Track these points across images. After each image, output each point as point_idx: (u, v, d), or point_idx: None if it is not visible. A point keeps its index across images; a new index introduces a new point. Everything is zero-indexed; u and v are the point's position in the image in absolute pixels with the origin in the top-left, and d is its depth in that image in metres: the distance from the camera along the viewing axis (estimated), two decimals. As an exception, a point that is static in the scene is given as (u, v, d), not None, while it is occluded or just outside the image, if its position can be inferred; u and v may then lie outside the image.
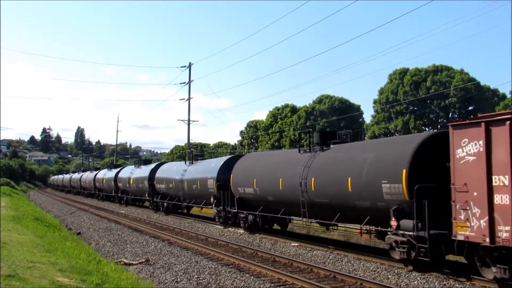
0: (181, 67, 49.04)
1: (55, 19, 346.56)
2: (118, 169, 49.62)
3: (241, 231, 22.34)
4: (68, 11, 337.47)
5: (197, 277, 12.64)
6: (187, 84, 48.54)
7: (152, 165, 38.20)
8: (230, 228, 23.63)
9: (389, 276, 12.60)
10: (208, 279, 12.39)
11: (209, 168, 26.46)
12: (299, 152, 19.10)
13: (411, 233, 12.53)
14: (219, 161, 26.34)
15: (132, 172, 41.48)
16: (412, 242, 12.54)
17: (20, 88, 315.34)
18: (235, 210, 22.67)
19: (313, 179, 16.73)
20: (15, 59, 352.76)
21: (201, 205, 28.67)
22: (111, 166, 57.93)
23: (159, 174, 34.83)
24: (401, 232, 12.96)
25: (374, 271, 13.29)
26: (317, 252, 16.42)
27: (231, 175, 23.10)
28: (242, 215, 22.25)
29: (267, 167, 20.85)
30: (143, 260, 15.12)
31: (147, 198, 36.74)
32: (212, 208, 25.58)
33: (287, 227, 23.50)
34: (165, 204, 33.22)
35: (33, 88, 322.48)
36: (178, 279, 12.54)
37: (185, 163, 31.33)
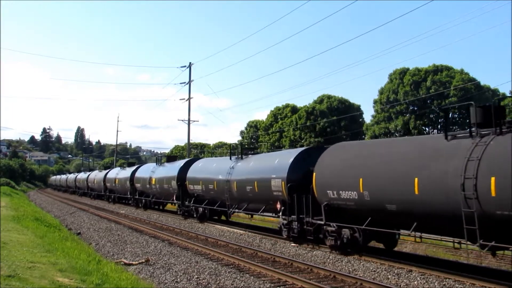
0: (181, 67, 49.10)
1: (55, 19, 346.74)
2: (134, 167, 44.80)
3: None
4: (68, 11, 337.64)
5: (197, 277, 12.63)
6: (187, 84, 48.57)
7: (181, 162, 32.67)
8: (310, 247, 17.51)
9: (389, 276, 12.60)
10: (208, 279, 12.39)
11: (272, 164, 20.19)
12: (446, 138, 12.53)
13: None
14: (289, 155, 19.69)
15: (153, 171, 36.68)
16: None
17: (20, 88, 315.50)
18: (322, 222, 16.34)
19: (493, 179, 10.65)
20: (15, 59, 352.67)
21: (260, 213, 21.62)
22: (126, 164, 53.04)
23: (192, 173, 28.87)
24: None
25: (374, 271, 13.28)
26: (317, 252, 16.42)
27: (314, 173, 16.75)
28: (331, 229, 16.11)
29: (384, 161, 14.15)
30: (143, 260, 15.12)
31: (175, 201, 31.31)
32: (277, 216, 20.19)
33: (396, 245, 17.11)
34: (201, 209, 27.10)
35: (33, 88, 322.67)
36: (178, 279, 12.53)
37: (230, 158, 24.95)
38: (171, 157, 38.84)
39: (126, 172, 43.95)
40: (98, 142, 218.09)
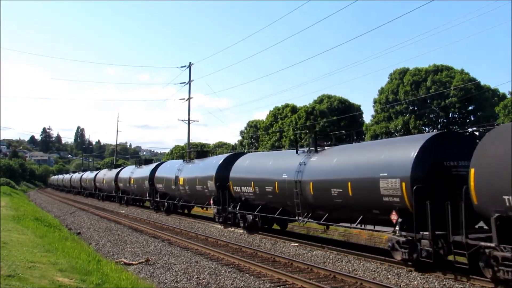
0: (181, 67, 49.08)
1: (55, 19, 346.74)
2: (154, 165, 39.24)
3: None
4: (68, 11, 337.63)
5: (197, 277, 12.64)
6: (187, 84, 48.57)
7: (218, 159, 26.79)
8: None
9: (389, 276, 12.60)
10: (208, 279, 12.39)
11: (376, 158, 14.89)
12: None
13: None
14: (408, 145, 14.27)
15: (180, 169, 31.07)
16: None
17: (20, 88, 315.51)
18: (492, 245, 12.04)
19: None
20: (15, 59, 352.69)
21: (356, 224, 15.69)
22: (140, 162, 47.22)
23: (238, 172, 23.22)
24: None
25: (374, 271, 13.28)
26: (317, 252, 16.42)
27: (472, 170, 12.01)
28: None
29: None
30: (143, 260, 15.12)
31: (212, 206, 25.69)
32: (392, 232, 14.26)
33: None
34: (251, 217, 21.93)
35: (33, 88, 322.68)
36: (178, 279, 12.54)
37: (297, 152, 19.79)
38: (201, 153, 33.21)
39: (144, 171, 38.92)
40: (98, 142, 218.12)
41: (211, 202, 25.39)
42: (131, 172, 42.61)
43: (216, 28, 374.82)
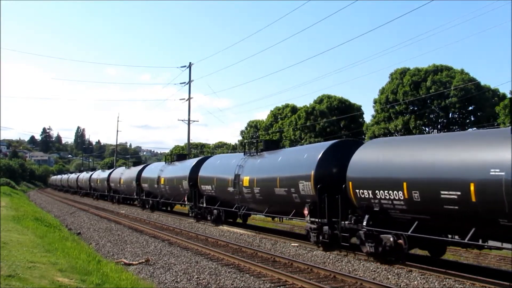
0: (181, 67, 49.13)
1: (55, 19, 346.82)
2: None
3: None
4: (68, 11, 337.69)
5: (197, 277, 12.64)
6: (187, 84, 48.59)
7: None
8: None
9: (389, 276, 12.60)
10: (208, 279, 12.39)
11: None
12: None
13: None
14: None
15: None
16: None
17: (20, 88, 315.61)
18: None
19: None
20: (15, 59, 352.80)
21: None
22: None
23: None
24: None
25: (374, 271, 13.29)
26: (317, 252, 16.42)
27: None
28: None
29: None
30: (143, 260, 15.12)
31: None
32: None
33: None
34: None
35: (33, 88, 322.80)
36: (178, 279, 12.53)
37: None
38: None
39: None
40: (98, 142, 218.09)
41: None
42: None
43: (216, 28, 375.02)
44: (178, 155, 36.62)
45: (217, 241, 19.45)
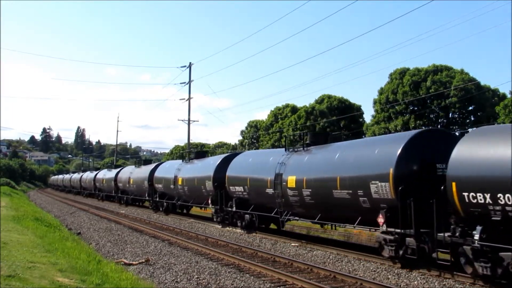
0: (181, 67, 49.13)
1: (56, 19, 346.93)
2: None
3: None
4: (68, 11, 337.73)
5: (197, 277, 12.63)
6: (187, 84, 48.59)
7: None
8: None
9: (389, 276, 12.60)
10: (208, 279, 12.39)
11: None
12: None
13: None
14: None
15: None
16: None
17: (20, 88, 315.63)
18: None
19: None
20: (15, 59, 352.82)
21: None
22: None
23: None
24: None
25: (374, 271, 13.28)
26: (317, 252, 16.42)
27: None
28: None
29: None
30: (143, 260, 15.12)
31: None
32: None
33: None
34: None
35: (33, 88, 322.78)
36: (178, 279, 12.53)
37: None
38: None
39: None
40: (98, 142, 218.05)
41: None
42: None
43: (216, 28, 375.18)
44: (196, 152, 33.97)
45: (217, 241, 19.45)
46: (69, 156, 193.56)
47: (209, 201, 25.47)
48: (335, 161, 16.40)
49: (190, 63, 48.42)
